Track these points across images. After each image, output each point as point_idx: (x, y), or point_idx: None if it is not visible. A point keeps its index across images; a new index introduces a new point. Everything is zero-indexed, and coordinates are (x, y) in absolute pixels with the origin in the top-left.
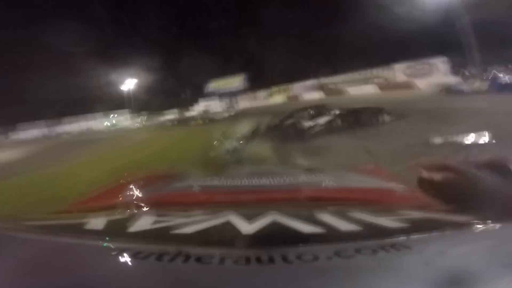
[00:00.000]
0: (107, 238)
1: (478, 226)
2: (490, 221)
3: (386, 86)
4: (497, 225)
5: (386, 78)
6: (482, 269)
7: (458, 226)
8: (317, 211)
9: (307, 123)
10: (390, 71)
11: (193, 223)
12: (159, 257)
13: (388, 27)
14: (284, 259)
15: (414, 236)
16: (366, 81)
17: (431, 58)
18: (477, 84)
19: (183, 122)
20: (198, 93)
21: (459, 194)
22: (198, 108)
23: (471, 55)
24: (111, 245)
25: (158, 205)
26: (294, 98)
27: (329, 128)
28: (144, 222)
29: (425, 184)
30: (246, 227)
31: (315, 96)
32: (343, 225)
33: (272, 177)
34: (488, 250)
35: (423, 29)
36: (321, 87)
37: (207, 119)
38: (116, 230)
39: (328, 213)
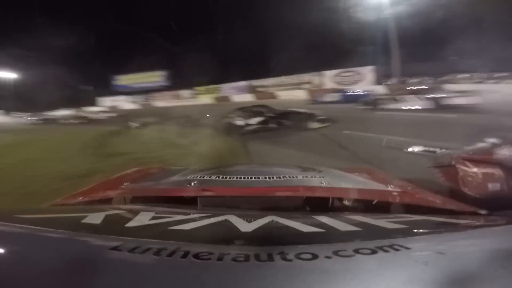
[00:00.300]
0: (104, 232)
1: (477, 226)
2: (489, 221)
3: (315, 92)
4: (497, 225)
5: (316, 84)
6: (481, 269)
7: (457, 226)
8: (316, 212)
9: (241, 121)
10: (321, 77)
11: (192, 221)
12: (157, 253)
13: (321, 33)
14: (283, 257)
15: (413, 237)
16: (296, 85)
17: (360, 66)
18: (332, 96)
19: (51, 122)
20: (105, 89)
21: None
22: (103, 105)
23: (395, 66)
24: (109, 240)
25: (155, 199)
26: (223, 100)
27: (263, 129)
28: (143, 218)
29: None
30: (245, 226)
31: (246, 98)
32: (342, 226)
33: (270, 175)
34: (487, 250)
35: (354, 38)
36: (252, 89)
37: (86, 119)
38: (114, 225)
39: (327, 215)
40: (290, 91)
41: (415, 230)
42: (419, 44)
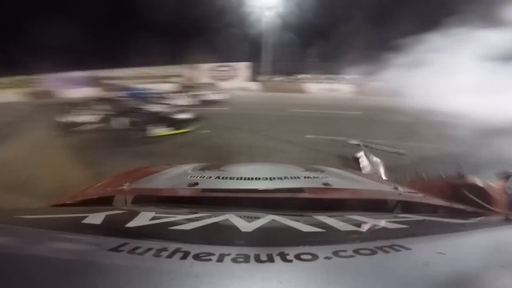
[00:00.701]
0: (104, 233)
1: (477, 226)
2: (489, 221)
3: (187, 86)
4: (497, 225)
5: (188, 77)
6: (481, 270)
7: (457, 226)
8: (317, 212)
9: (71, 118)
10: (193, 70)
11: (192, 221)
12: (157, 253)
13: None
14: (283, 258)
15: (414, 237)
16: (163, 78)
17: (236, 62)
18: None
19: None
20: None
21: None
22: None
23: (266, 63)
24: (108, 240)
25: (156, 199)
26: (44, 95)
27: (102, 129)
28: (143, 218)
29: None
30: (245, 226)
31: (86, 92)
32: (343, 226)
33: (271, 175)
34: (488, 250)
35: (232, 33)
36: (97, 82)
37: None
38: (114, 225)
39: (327, 214)
40: (154, 85)
41: (416, 230)
42: (289, 45)
